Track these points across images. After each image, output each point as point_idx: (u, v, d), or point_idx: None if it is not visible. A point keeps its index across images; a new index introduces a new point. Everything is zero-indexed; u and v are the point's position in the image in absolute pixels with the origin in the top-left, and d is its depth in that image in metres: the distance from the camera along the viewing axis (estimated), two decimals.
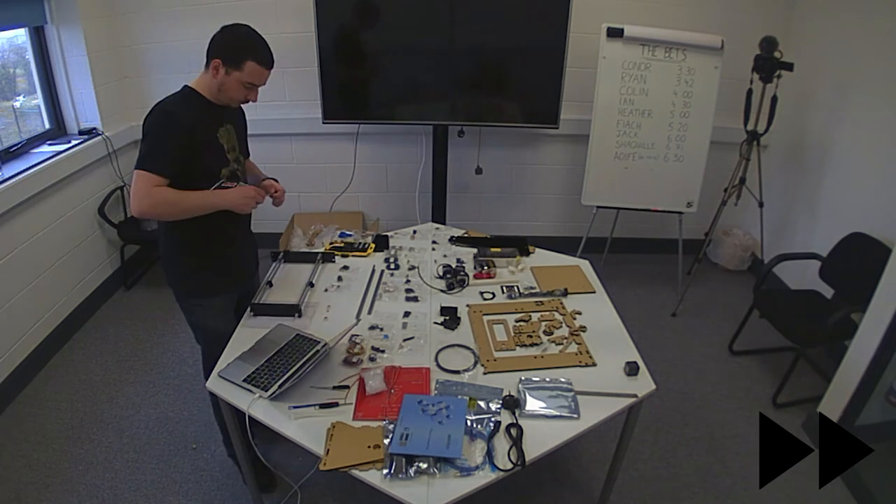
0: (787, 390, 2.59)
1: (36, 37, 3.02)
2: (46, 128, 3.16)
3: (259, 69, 1.66)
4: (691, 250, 3.55)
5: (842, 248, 2.68)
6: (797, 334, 2.55)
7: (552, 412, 1.48)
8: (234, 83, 1.65)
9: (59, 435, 2.36)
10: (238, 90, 1.67)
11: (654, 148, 3.14)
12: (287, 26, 3.26)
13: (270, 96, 3.48)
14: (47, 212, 2.82)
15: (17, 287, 2.62)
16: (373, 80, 3.16)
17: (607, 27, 2.95)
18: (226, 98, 1.69)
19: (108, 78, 3.30)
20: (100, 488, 2.11)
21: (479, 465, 1.32)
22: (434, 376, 1.61)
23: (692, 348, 3.00)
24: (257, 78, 1.67)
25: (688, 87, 3.02)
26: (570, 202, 3.70)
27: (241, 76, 1.64)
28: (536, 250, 2.34)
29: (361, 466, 1.31)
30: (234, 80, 1.64)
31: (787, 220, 3.39)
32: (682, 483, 2.18)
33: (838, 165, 2.99)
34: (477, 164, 3.60)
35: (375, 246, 2.32)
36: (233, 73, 1.63)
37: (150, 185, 1.56)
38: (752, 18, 3.25)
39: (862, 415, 2.22)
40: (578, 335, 1.80)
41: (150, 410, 2.50)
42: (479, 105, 3.18)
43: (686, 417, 2.51)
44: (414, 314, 1.90)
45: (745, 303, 2.90)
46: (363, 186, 3.77)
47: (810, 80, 3.11)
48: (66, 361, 2.82)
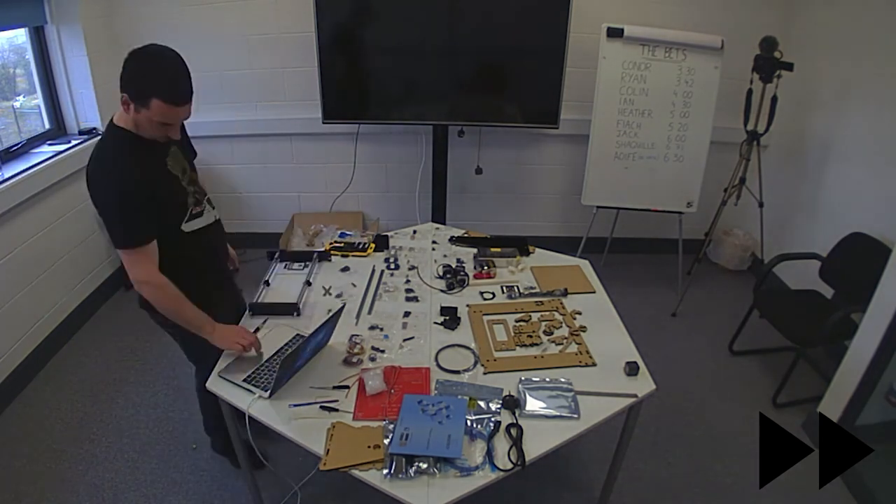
0: (787, 390, 2.59)
1: (36, 37, 3.01)
2: (46, 128, 3.16)
3: (165, 108, 1.42)
4: (691, 250, 3.55)
5: (842, 248, 2.68)
6: (797, 334, 2.54)
7: (552, 412, 1.48)
8: (145, 122, 1.45)
9: (59, 435, 2.36)
10: (153, 128, 1.47)
11: (654, 148, 3.14)
12: (287, 26, 3.26)
13: (270, 96, 3.49)
14: (47, 212, 2.82)
15: (17, 287, 2.62)
16: (373, 80, 3.16)
17: (607, 27, 2.95)
18: (147, 135, 1.51)
19: (108, 78, 3.29)
20: (100, 488, 2.11)
21: (479, 465, 1.32)
22: (434, 376, 1.61)
23: (692, 348, 3.00)
24: (168, 117, 1.45)
25: (688, 87, 3.02)
26: (570, 202, 3.70)
27: (149, 115, 1.43)
28: (536, 250, 2.34)
29: (361, 466, 1.31)
30: (143, 119, 1.45)
31: (787, 220, 3.39)
32: (682, 483, 2.19)
33: (838, 165, 2.99)
34: (477, 164, 3.60)
35: (375, 246, 2.32)
36: (141, 110, 1.43)
37: (145, 264, 1.52)
38: (752, 18, 3.25)
39: (862, 415, 2.22)
40: (578, 335, 1.80)
41: (150, 410, 2.50)
42: (478, 105, 3.18)
43: (686, 417, 2.51)
44: (414, 314, 1.90)
45: (745, 303, 2.90)
46: (363, 186, 3.77)
47: (810, 80, 3.11)
48: (66, 361, 2.82)
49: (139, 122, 1.48)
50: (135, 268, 1.53)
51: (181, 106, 1.47)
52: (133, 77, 1.43)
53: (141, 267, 1.53)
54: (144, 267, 1.53)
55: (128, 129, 1.51)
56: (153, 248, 1.55)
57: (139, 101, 1.42)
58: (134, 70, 1.43)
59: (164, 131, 1.51)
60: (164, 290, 1.56)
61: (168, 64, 1.44)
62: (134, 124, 1.50)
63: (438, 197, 3.41)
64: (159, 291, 1.55)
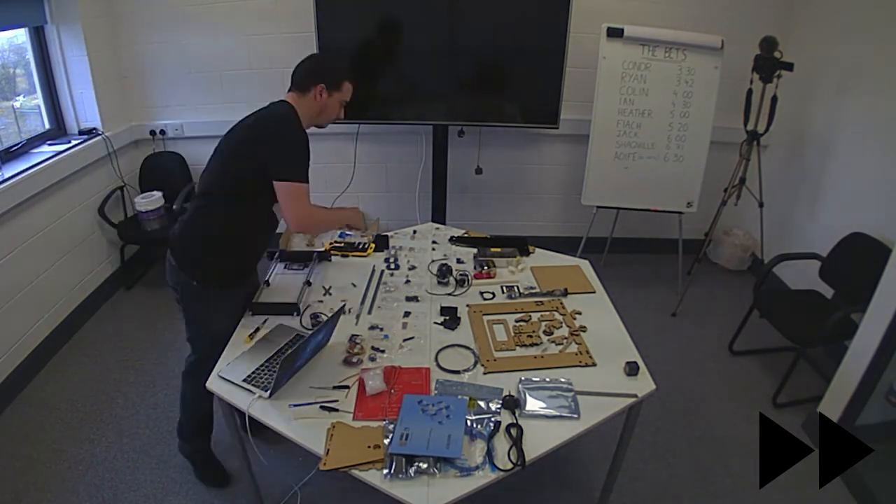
0: (787, 390, 2.59)
1: (36, 37, 3.01)
2: (46, 128, 3.16)
3: (351, 87, 1.88)
4: (691, 250, 3.55)
5: (842, 248, 2.68)
6: (797, 334, 2.54)
7: (552, 412, 1.48)
8: (333, 104, 1.86)
9: (59, 435, 2.36)
10: (336, 109, 1.88)
11: (654, 148, 3.14)
12: (287, 26, 3.26)
13: (270, 96, 3.47)
14: (47, 212, 2.82)
15: (17, 287, 2.62)
16: (373, 80, 3.16)
17: (607, 27, 2.95)
18: (325, 119, 1.88)
19: (108, 78, 3.30)
20: (100, 488, 2.11)
21: (479, 465, 1.32)
22: (434, 376, 1.61)
23: (692, 348, 3.00)
24: (349, 95, 1.89)
25: (688, 87, 3.03)
26: (570, 202, 3.70)
27: (340, 97, 1.86)
28: (536, 250, 2.34)
29: (361, 466, 1.31)
30: (333, 102, 1.85)
31: (787, 220, 3.39)
32: (682, 483, 2.18)
33: (838, 165, 2.99)
34: (477, 164, 3.60)
35: (375, 246, 2.32)
36: (334, 94, 1.83)
37: (307, 200, 1.73)
38: (752, 18, 3.25)
39: (862, 415, 2.22)
40: (578, 335, 1.80)
41: (150, 410, 2.50)
42: (479, 105, 3.18)
43: (686, 417, 2.51)
44: (414, 314, 1.90)
45: (745, 303, 2.90)
46: (363, 186, 3.77)
47: (810, 80, 3.11)
48: (66, 361, 2.82)
49: (327, 107, 1.84)
50: (298, 202, 1.72)
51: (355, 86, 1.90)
52: (327, 68, 1.84)
53: (304, 202, 1.73)
54: (307, 203, 1.74)
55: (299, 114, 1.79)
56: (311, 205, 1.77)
57: (334, 86, 1.82)
58: (324, 62, 1.90)
59: (339, 112, 1.90)
60: (318, 216, 1.88)
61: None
62: (316, 111, 1.83)
63: (438, 197, 3.41)
64: (312, 220, 1.82)
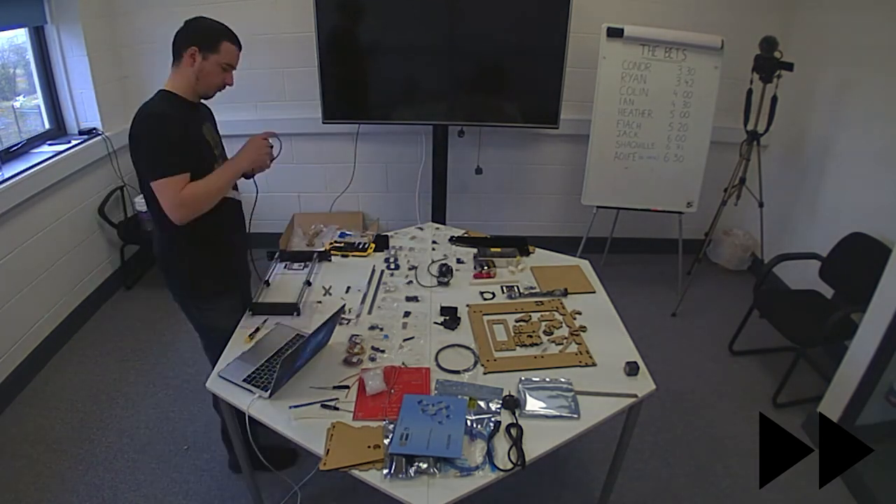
0: (787, 390, 2.59)
1: (36, 37, 3.01)
2: (46, 128, 3.16)
3: (233, 48, 1.71)
4: (691, 250, 3.55)
5: (842, 248, 2.68)
6: (797, 334, 2.55)
7: (552, 412, 1.48)
8: (213, 67, 1.68)
9: (59, 435, 2.36)
10: (217, 74, 1.70)
11: (654, 148, 3.14)
12: (287, 26, 3.27)
13: (270, 96, 3.50)
14: (47, 212, 2.82)
15: (17, 287, 2.62)
16: (373, 79, 3.16)
17: (607, 27, 2.95)
18: (204, 86, 1.70)
19: (108, 78, 3.30)
20: (100, 488, 2.11)
21: (479, 465, 1.32)
22: (434, 376, 1.61)
23: (692, 348, 3.00)
24: (233, 58, 1.72)
25: (688, 87, 3.03)
26: (570, 202, 3.70)
27: (218, 59, 1.68)
28: (536, 250, 2.34)
29: (361, 466, 1.31)
30: (212, 64, 1.67)
31: (787, 220, 3.39)
32: (682, 483, 2.19)
33: (838, 165, 2.99)
34: (477, 164, 3.60)
35: (375, 246, 2.32)
36: (210, 56, 1.66)
37: (177, 190, 1.58)
38: (752, 18, 3.25)
39: (862, 415, 2.22)
40: (578, 335, 1.80)
41: (150, 410, 2.50)
42: (478, 105, 3.18)
43: (686, 417, 2.51)
44: (414, 314, 1.90)
45: (745, 303, 2.90)
46: (363, 186, 3.77)
47: (810, 80, 3.11)
48: (66, 361, 2.82)
49: (203, 71, 1.66)
50: (165, 192, 1.58)
51: (240, 49, 1.74)
52: (199, 30, 1.67)
53: (171, 190, 1.58)
54: (174, 192, 1.58)
55: (176, 92, 1.69)
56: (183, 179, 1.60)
57: (209, 48, 1.65)
58: (198, 26, 1.68)
59: (225, 77, 1.72)
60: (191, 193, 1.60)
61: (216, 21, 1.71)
62: (193, 78, 1.67)
63: (438, 197, 3.41)
64: (190, 198, 1.60)
